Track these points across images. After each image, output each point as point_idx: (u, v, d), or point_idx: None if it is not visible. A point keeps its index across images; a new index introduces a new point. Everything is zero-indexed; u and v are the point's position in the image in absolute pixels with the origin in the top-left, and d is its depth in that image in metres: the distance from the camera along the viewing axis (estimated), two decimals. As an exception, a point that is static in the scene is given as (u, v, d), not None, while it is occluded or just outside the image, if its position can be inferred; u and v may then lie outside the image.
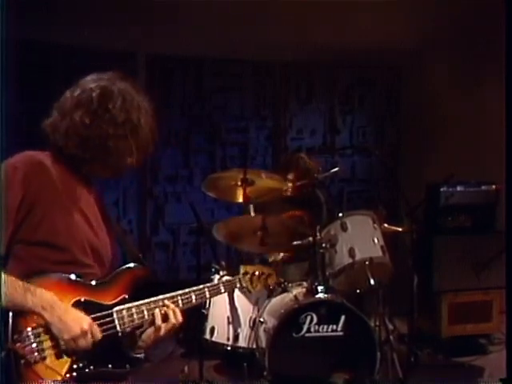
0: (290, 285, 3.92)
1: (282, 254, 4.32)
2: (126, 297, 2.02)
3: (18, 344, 1.73)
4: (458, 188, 4.90)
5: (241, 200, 4.02)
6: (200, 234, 4.11)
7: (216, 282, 2.36)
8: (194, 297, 2.21)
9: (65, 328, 1.79)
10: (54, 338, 1.81)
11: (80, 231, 1.97)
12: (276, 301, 3.83)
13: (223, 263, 4.15)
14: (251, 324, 3.80)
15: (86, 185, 2.09)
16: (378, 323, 3.93)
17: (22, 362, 1.73)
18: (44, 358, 1.77)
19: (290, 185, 4.34)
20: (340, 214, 3.95)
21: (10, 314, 1.75)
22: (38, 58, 5.04)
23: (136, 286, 2.06)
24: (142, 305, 2.04)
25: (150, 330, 2.11)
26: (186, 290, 2.19)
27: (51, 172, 1.93)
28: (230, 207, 5.63)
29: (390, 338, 3.96)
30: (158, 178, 5.76)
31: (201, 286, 2.24)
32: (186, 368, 4.02)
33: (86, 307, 1.89)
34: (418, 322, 4.32)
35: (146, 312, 2.04)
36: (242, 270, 2.47)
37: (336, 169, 4.44)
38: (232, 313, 3.84)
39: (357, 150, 6.52)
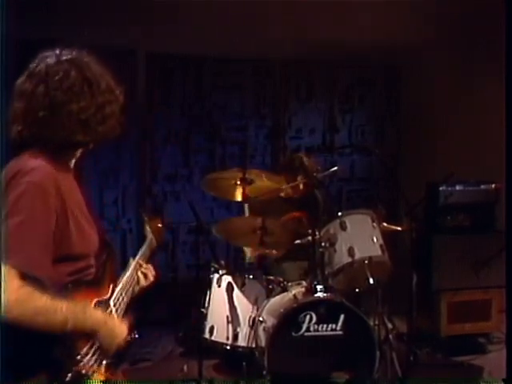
0: (289, 284, 3.93)
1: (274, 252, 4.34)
2: (114, 286, 2.09)
3: (81, 365, 1.83)
4: (458, 187, 4.90)
5: (239, 199, 4.03)
6: (199, 233, 4.12)
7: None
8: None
9: (116, 337, 1.94)
10: (94, 351, 1.90)
11: (87, 233, 1.95)
12: (275, 300, 3.83)
13: (222, 262, 4.16)
14: (250, 323, 3.81)
15: (72, 173, 1.99)
16: (377, 322, 3.93)
17: (87, 379, 1.83)
18: (100, 366, 1.91)
19: (289, 186, 4.34)
20: (339, 213, 3.96)
21: (67, 338, 1.81)
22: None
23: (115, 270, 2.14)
24: (125, 284, 2.16)
25: (137, 288, 2.29)
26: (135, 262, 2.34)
27: (60, 182, 1.83)
28: (229, 206, 5.63)
29: (389, 337, 3.97)
30: (157, 176, 5.76)
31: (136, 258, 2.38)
32: (185, 367, 4.03)
33: (99, 308, 1.95)
34: (417, 321, 4.33)
35: (130, 287, 2.18)
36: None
37: (335, 168, 4.45)
38: (231, 312, 3.85)
39: (356, 149, 6.52)
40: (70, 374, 1.78)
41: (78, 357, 1.82)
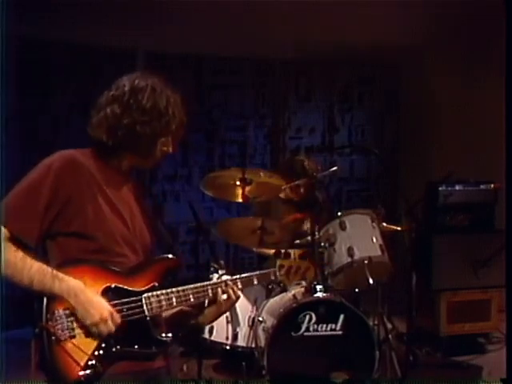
0: (288, 284, 3.93)
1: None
2: (156, 284, 2.12)
3: (50, 323, 1.90)
4: (457, 187, 4.90)
5: (239, 199, 4.03)
6: (199, 233, 4.11)
7: (249, 273, 2.43)
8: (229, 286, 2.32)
9: (87, 314, 1.94)
10: (68, 318, 1.95)
11: (110, 223, 2.08)
12: (275, 300, 3.83)
13: (222, 262, 4.15)
14: (250, 323, 3.81)
15: (122, 178, 2.19)
16: (376, 322, 3.94)
17: (53, 338, 1.89)
18: (73, 337, 1.93)
19: (289, 186, 4.33)
20: (339, 213, 3.95)
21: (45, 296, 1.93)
22: (37, 57, 5.02)
23: (167, 275, 2.19)
24: (171, 293, 2.15)
25: (213, 307, 2.28)
26: (221, 279, 2.34)
27: (85, 168, 2.06)
28: (229, 206, 5.63)
29: (388, 336, 3.97)
30: (156, 176, 5.76)
31: (234, 277, 2.34)
32: (184, 367, 4.03)
33: (116, 293, 2.02)
34: (417, 321, 4.32)
35: (174, 299, 2.15)
36: (278, 263, 2.48)
37: (334, 168, 4.44)
38: (231, 312, 3.84)
39: (355, 149, 6.53)
40: (37, 329, 1.89)
41: (48, 315, 1.90)
